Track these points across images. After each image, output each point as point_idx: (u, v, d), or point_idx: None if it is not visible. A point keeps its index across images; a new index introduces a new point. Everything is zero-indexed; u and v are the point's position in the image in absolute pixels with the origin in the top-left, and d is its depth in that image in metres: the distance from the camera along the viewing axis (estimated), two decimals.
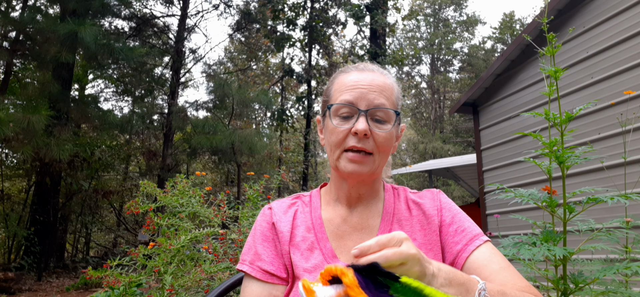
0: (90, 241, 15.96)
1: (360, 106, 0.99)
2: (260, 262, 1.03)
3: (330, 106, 1.02)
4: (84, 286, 8.59)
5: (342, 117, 1.00)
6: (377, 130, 0.99)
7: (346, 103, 0.99)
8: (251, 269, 1.03)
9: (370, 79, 1.02)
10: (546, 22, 1.67)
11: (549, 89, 1.65)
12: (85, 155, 10.86)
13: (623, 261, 1.60)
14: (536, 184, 5.50)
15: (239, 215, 3.09)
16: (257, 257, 1.04)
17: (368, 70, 1.05)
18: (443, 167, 10.32)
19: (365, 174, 1.00)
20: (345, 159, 1.00)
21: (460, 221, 1.04)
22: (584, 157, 1.55)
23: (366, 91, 0.99)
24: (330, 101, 1.04)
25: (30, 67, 11.65)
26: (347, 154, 0.99)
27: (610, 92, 4.66)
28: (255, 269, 1.03)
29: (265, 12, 14.03)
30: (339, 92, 1.02)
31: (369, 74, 1.03)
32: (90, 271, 2.62)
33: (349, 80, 1.02)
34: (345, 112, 1.00)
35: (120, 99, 16.23)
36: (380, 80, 1.02)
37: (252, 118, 20.91)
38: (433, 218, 1.04)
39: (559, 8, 5.27)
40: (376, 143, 0.99)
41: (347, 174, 1.01)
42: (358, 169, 0.99)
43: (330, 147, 1.02)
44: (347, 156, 0.99)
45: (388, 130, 1.00)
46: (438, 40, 33.86)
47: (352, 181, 1.04)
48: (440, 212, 1.05)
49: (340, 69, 1.11)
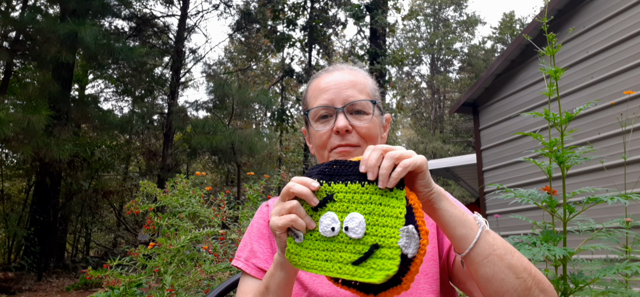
0: (90, 241, 15.96)
1: (336, 105, 1.01)
2: (255, 260, 1.05)
3: (308, 112, 1.05)
4: (84, 286, 8.59)
5: (322, 120, 1.03)
6: (358, 123, 1.01)
7: (322, 106, 1.02)
8: (246, 266, 1.05)
9: (340, 77, 1.04)
10: (546, 22, 1.67)
11: (549, 89, 1.65)
12: (85, 155, 10.85)
13: (623, 261, 1.60)
14: (536, 184, 5.50)
15: (239, 215, 3.09)
16: (252, 254, 1.06)
17: (337, 70, 1.08)
18: (443, 167, 10.32)
19: None
20: (335, 156, 1.01)
21: None
22: (584, 157, 1.55)
23: (339, 89, 1.02)
24: (307, 108, 1.07)
25: (30, 67, 11.65)
26: (335, 152, 1.01)
27: (610, 92, 4.66)
28: (250, 266, 1.04)
29: (265, 12, 14.02)
30: (314, 97, 1.05)
31: (339, 73, 1.06)
32: (90, 271, 2.62)
33: (321, 84, 1.05)
34: (324, 113, 1.02)
35: (120, 99, 16.25)
36: (350, 76, 1.05)
37: (252, 118, 20.92)
38: None
39: (559, 8, 5.27)
40: (360, 135, 1.01)
41: None
42: None
43: (317, 150, 1.05)
44: (335, 153, 1.01)
45: (369, 119, 1.02)
46: (438, 40, 33.86)
47: None
48: None
49: (313, 76, 1.13)
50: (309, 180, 0.75)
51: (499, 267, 0.76)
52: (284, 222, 0.75)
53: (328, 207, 0.73)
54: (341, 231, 0.71)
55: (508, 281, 0.76)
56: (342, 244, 0.71)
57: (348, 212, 0.71)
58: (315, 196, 0.75)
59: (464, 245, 0.77)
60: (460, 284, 0.98)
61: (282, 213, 0.75)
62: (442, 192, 0.78)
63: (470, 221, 0.78)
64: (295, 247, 0.75)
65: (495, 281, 0.77)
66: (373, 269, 0.67)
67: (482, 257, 0.76)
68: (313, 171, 0.78)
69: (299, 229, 0.74)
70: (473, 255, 0.77)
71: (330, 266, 0.71)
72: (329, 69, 1.10)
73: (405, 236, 0.67)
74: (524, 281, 0.77)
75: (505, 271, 0.77)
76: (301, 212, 0.74)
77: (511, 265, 0.77)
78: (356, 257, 0.69)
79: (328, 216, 0.73)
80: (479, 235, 0.76)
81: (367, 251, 0.68)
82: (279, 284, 0.84)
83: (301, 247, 0.75)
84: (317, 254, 0.73)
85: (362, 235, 0.69)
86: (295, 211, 0.74)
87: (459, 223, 0.76)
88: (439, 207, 0.77)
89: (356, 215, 0.70)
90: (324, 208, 0.74)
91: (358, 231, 0.69)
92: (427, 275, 0.97)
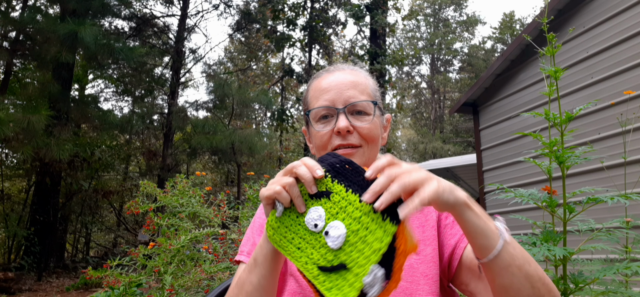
0: (90, 241, 15.96)
1: (337, 105, 1.01)
2: None
3: (309, 112, 1.05)
4: (84, 286, 8.59)
5: (323, 120, 1.03)
6: (359, 123, 1.01)
7: (323, 106, 1.02)
8: (247, 259, 1.04)
9: (341, 77, 1.05)
10: (546, 22, 1.67)
11: (549, 89, 1.65)
12: (85, 155, 10.85)
13: (623, 261, 1.60)
14: (536, 184, 5.50)
15: (239, 215, 3.09)
16: (254, 248, 1.05)
17: (338, 70, 1.08)
18: (443, 167, 10.32)
19: None
20: None
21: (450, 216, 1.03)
22: (584, 157, 1.55)
23: (340, 90, 1.02)
24: (308, 108, 1.07)
25: (30, 67, 11.65)
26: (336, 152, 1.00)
27: (610, 92, 4.66)
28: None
29: (265, 12, 14.02)
30: (315, 98, 1.05)
31: (340, 74, 1.06)
32: (90, 271, 2.62)
33: (322, 84, 1.05)
34: (325, 114, 1.02)
35: (120, 99, 16.24)
36: (351, 77, 1.05)
37: (252, 118, 20.92)
38: (430, 214, 1.05)
39: (559, 8, 5.27)
40: (361, 135, 1.01)
41: None
42: None
43: (318, 150, 1.04)
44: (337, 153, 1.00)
45: (370, 120, 1.02)
46: (438, 40, 33.86)
47: None
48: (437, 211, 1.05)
49: (313, 76, 1.13)
50: (315, 166, 0.76)
51: (517, 278, 0.78)
52: (269, 193, 0.75)
53: (322, 202, 0.73)
54: (322, 231, 0.70)
55: (524, 291, 0.78)
56: (318, 244, 0.70)
57: (336, 218, 0.70)
58: (315, 184, 0.74)
59: (485, 254, 0.77)
60: (462, 285, 0.98)
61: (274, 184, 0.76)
62: (465, 203, 0.76)
63: (492, 231, 0.78)
64: (275, 221, 0.75)
65: (511, 290, 0.78)
66: (333, 284, 0.66)
67: (501, 267, 0.77)
68: (327, 159, 0.77)
69: (282, 202, 0.74)
70: (492, 265, 0.77)
71: (299, 256, 0.71)
72: (330, 69, 1.10)
73: (373, 275, 0.65)
74: (539, 290, 0.79)
75: (523, 281, 0.78)
76: (294, 192, 0.74)
77: (528, 275, 0.79)
78: (323, 263, 0.68)
79: (317, 210, 0.72)
80: (501, 246, 0.77)
81: (336, 265, 0.67)
82: (265, 256, 0.83)
83: (281, 223, 0.74)
84: (293, 239, 0.73)
85: (338, 248, 0.68)
86: (287, 188, 0.74)
87: (481, 234, 0.77)
88: (463, 218, 0.76)
89: (340, 226, 0.69)
90: (318, 200, 0.73)
91: (336, 242, 0.68)
92: (427, 276, 0.97)
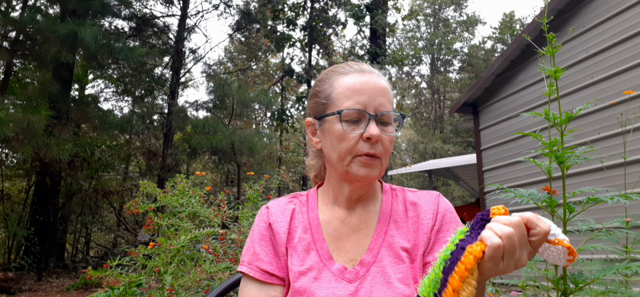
0: (90, 241, 15.95)
1: (369, 110, 0.99)
2: (259, 262, 1.03)
3: (341, 112, 1.00)
4: (84, 286, 8.58)
5: (351, 122, 0.99)
6: (384, 134, 0.99)
7: (356, 109, 0.99)
8: (249, 269, 1.03)
9: (373, 81, 1.01)
10: (546, 22, 1.67)
11: (549, 89, 1.65)
12: (85, 155, 10.85)
13: (623, 261, 1.60)
14: (536, 184, 5.50)
15: (239, 215, 3.09)
16: (255, 257, 1.04)
17: (368, 71, 1.04)
18: (443, 167, 10.33)
19: (374, 177, 1.01)
20: (358, 164, 0.99)
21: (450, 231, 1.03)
22: (584, 157, 1.55)
23: (372, 95, 0.99)
24: (334, 105, 1.02)
25: (30, 67, 11.65)
26: (360, 159, 0.98)
27: (610, 92, 4.66)
28: (253, 269, 1.02)
29: (265, 12, 14.02)
30: (345, 97, 1.00)
31: (371, 76, 1.03)
32: (90, 271, 2.62)
33: (353, 83, 1.01)
34: (354, 116, 0.99)
35: (120, 99, 16.23)
36: (382, 84, 1.03)
37: (252, 118, 20.90)
38: (427, 221, 1.03)
39: (559, 8, 5.27)
40: (384, 146, 1.00)
41: (359, 178, 1.00)
42: (370, 173, 0.99)
43: (339, 153, 1.00)
44: (360, 160, 0.99)
45: (394, 133, 1.01)
46: (438, 40, 33.85)
47: (357, 184, 1.04)
48: (435, 217, 1.04)
49: (333, 69, 1.09)
50: None
51: None
52: None
53: None
54: None
55: None
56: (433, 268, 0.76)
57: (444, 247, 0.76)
58: None
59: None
60: None
61: None
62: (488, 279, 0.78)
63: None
64: None
65: None
66: None
67: None
68: None
69: None
70: None
71: None
72: (356, 67, 1.05)
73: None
74: None
75: None
76: None
77: None
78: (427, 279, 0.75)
79: None
80: None
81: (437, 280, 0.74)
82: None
83: None
84: None
85: None
86: None
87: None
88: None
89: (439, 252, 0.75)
90: None
91: None
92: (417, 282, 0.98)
